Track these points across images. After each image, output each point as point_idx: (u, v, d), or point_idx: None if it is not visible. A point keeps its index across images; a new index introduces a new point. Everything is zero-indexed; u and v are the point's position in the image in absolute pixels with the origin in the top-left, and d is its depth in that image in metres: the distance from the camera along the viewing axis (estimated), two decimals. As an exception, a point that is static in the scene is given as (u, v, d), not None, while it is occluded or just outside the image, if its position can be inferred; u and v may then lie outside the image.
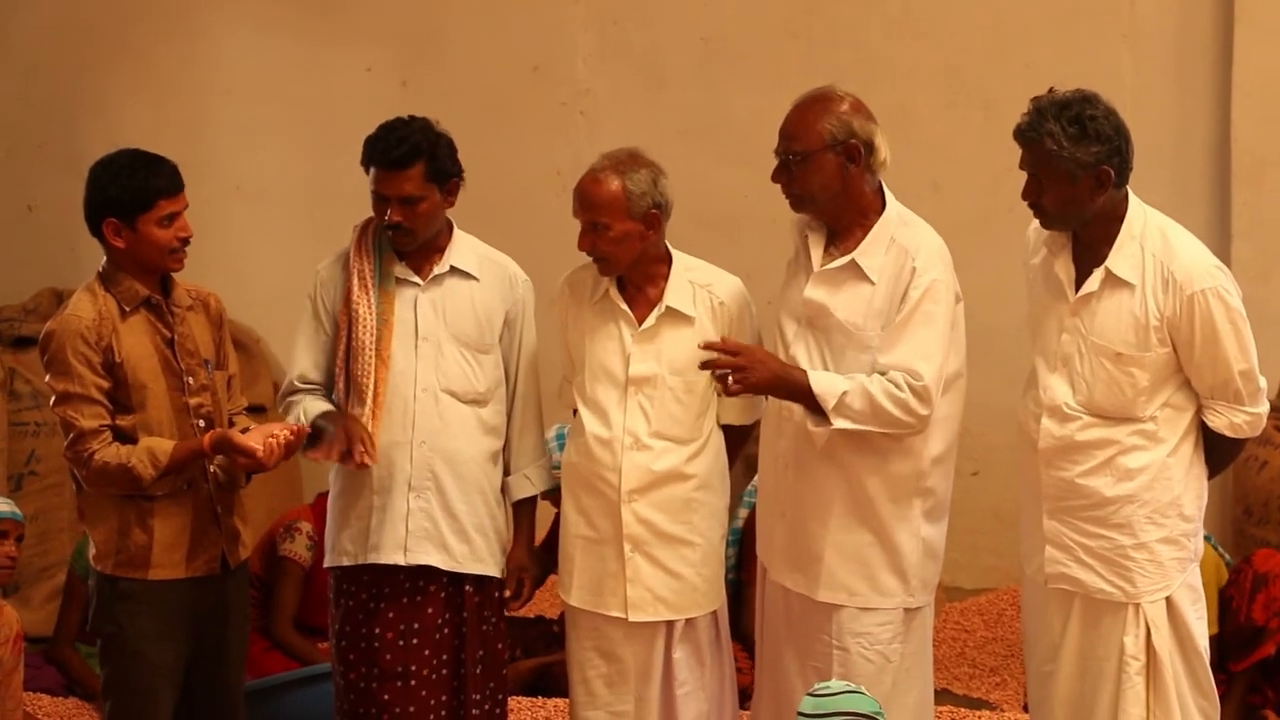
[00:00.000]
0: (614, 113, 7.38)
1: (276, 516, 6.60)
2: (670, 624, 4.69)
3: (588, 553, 4.71)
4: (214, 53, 7.72)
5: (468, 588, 4.78)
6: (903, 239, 4.51)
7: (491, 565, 4.82)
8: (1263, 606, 5.91)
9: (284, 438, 4.49)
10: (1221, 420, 4.39)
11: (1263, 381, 4.41)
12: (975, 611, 7.01)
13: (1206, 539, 4.92)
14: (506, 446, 4.86)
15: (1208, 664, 4.50)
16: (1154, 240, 4.36)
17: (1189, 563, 4.46)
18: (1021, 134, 4.33)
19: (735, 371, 4.42)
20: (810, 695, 3.88)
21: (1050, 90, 4.34)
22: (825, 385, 4.45)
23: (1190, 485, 4.43)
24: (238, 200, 7.65)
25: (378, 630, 4.75)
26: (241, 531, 4.73)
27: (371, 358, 4.67)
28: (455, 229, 4.83)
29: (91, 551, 4.62)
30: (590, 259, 4.66)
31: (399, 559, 4.71)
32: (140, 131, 6.42)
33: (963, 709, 6.15)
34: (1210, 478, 4.51)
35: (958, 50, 7.15)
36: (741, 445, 4.89)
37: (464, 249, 4.82)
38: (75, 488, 4.66)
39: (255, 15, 7.69)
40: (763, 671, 4.81)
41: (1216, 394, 4.38)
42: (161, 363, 4.57)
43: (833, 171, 4.48)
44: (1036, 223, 4.50)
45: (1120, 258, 4.36)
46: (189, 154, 4.98)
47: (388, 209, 4.65)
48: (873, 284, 4.49)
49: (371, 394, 4.66)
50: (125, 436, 4.51)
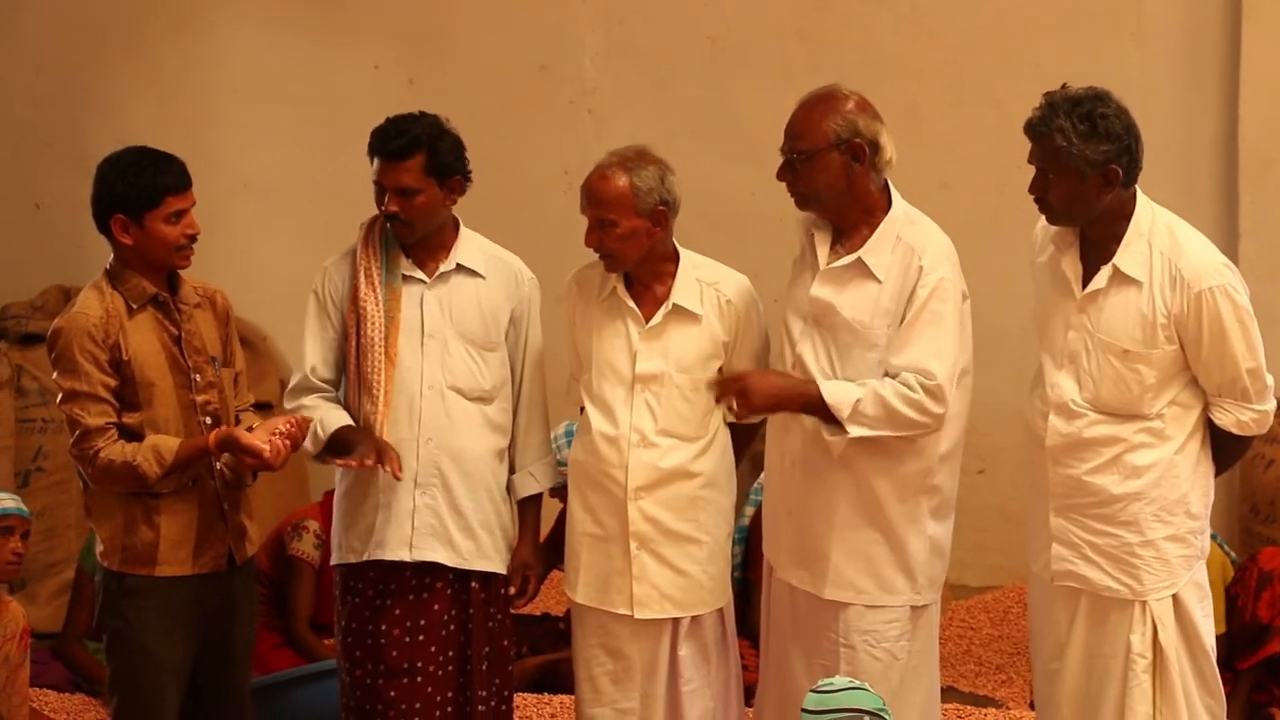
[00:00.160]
0: (621, 111, 7.38)
1: (284, 514, 6.59)
2: (676, 621, 4.69)
3: (594, 550, 4.71)
4: (221, 51, 7.72)
5: (474, 584, 4.78)
6: (909, 237, 4.51)
7: (497, 562, 4.82)
8: (1269, 604, 5.90)
9: (285, 429, 4.49)
10: (1228, 418, 4.39)
11: (1270, 379, 4.41)
12: (981, 609, 7.00)
13: (1213, 538, 4.91)
14: (511, 444, 4.86)
15: (1214, 662, 4.50)
16: (1162, 238, 4.36)
17: (1196, 560, 4.45)
18: (1032, 128, 4.33)
19: (738, 397, 4.46)
20: (814, 692, 3.86)
21: (1063, 86, 4.34)
22: (838, 395, 4.44)
23: (1197, 483, 4.43)
24: (244, 198, 7.65)
25: (384, 627, 4.75)
26: (248, 528, 4.73)
27: (381, 355, 4.68)
28: (462, 227, 4.83)
29: (98, 548, 4.63)
30: (597, 256, 4.66)
31: (404, 555, 4.71)
32: (147, 129, 6.44)
33: (969, 706, 6.14)
34: (1217, 475, 4.51)
35: (966, 49, 7.15)
36: (748, 443, 4.89)
37: (470, 247, 4.82)
38: (82, 485, 4.66)
39: (262, 13, 7.70)
40: (767, 669, 4.81)
41: (1224, 392, 4.37)
42: (169, 360, 4.57)
43: (837, 170, 4.47)
44: (1044, 220, 4.49)
45: (1128, 255, 4.35)
46: (196, 152, 4.97)
47: (386, 199, 4.66)
48: (879, 282, 4.49)
49: (382, 392, 4.66)
50: (132, 434, 4.51)
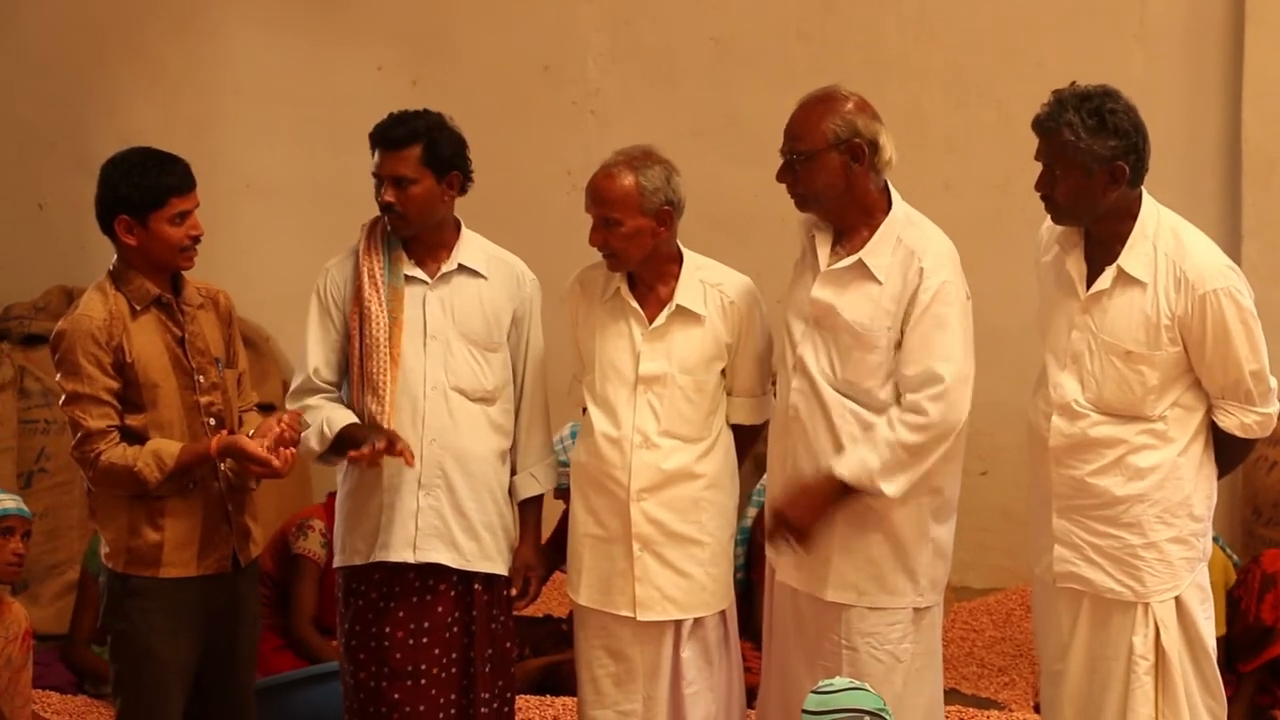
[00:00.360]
0: (625, 112, 7.38)
1: (287, 514, 6.58)
2: (679, 623, 4.69)
3: (596, 552, 4.71)
4: (224, 51, 7.72)
5: (477, 586, 4.78)
6: (909, 239, 4.50)
7: (500, 564, 4.82)
8: (1271, 607, 5.90)
9: (281, 431, 4.48)
10: (1232, 420, 4.39)
11: (1273, 382, 4.41)
12: (984, 611, 7.00)
13: (1214, 540, 4.91)
14: (513, 446, 4.86)
15: (1215, 664, 4.50)
16: (1167, 239, 4.35)
17: (1198, 563, 4.46)
18: (1040, 124, 4.32)
19: (793, 536, 4.49)
20: (815, 693, 3.87)
21: (1072, 84, 4.34)
22: (855, 470, 4.42)
23: (1200, 485, 4.43)
24: (247, 198, 7.65)
25: (387, 629, 4.74)
26: (252, 529, 4.73)
27: (385, 355, 4.68)
28: (463, 227, 4.83)
29: (103, 549, 4.63)
30: (601, 256, 4.66)
31: (408, 556, 4.71)
32: (151, 130, 6.44)
33: (971, 709, 6.13)
34: (1220, 478, 4.51)
35: (969, 50, 7.15)
36: (751, 444, 4.89)
37: (472, 247, 4.82)
38: (86, 486, 4.66)
39: (266, 14, 7.70)
40: (770, 671, 4.81)
41: (1227, 394, 4.37)
42: (172, 361, 4.57)
43: (836, 171, 4.47)
44: (1049, 220, 4.49)
45: (1133, 256, 4.35)
46: (199, 152, 4.98)
47: (383, 189, 4.66)
48: (880, 284, 4.48)
49: (388, 392, 4.66)
50: (136, 436, 4.51)
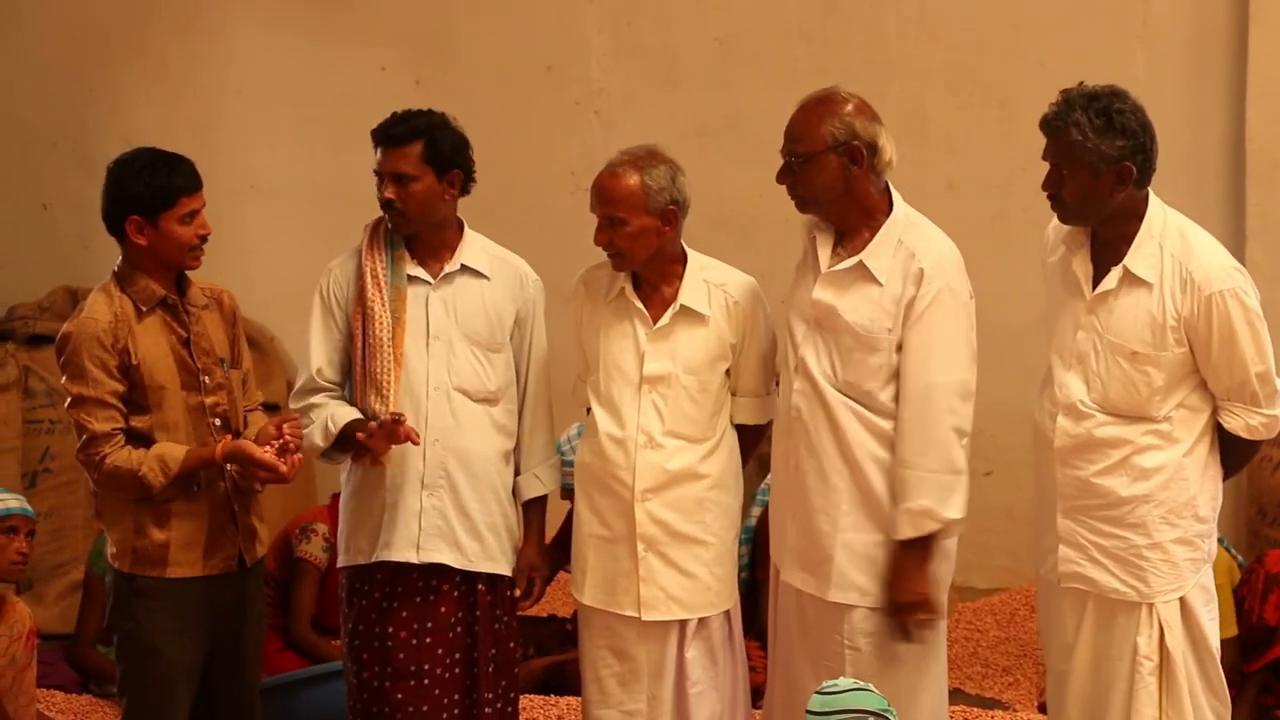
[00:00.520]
0: (628, 113, 7.38)
1: (292, 514, 6.60)
2: (683, 623, 4.69)
3: (601, 552, 4.71)
4: (227, 52, 7.73)
5: (480, 586, 4.78)
6: (910, 241, 4.50)
7: (504, 564, 4.82)
8: (1275, 607, 5.89)
9: (286, 441, 4.49)
10: (1237, 422, 4.39)
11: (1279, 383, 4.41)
12: (988, 611, 7.00)
13: (1219, 541, 4.91)
14: (516, 447, 4.86)
15: (1219, 665, 4.49)
16: (1173, 240, 4.35)
17: (1203, 563, 4.45)
18: (1047, 123, 4.32)
19: (926, 617, 4.49)
20: (818, 693, 3.86)
21: (1080, 84, 4.34)
22: (915, 520, 4.43)
23: (1205, 486, 4.43)
24: (251, 198, 7.66)
25: (391, 629, 4.74)
26: (258, 530, 4.74)
27: (389, 355, 4.68)
28: (466, 228, 4.83)
29: (109, 550, 4.63)
30: (604, 257, 4.66)
31: (411, 557, 4.71)
32: (153, 130, 6.44)
33: (975, 709, 6.13)
34: (1225, 479, 4.51)
35: (972, 50, 7.15)
36: (755, 444, 4.89)
37: (475, 248, 4.82)
38: (91, 487, 4.67)
39: (269, 14, 7.70)
40: (775, 671, 4.81)
41: (1233, 395, 4.37)
42: (177, 362, 4.57)
43: (835, 173, 4.46)
44: (1056, 220, 4.49)
45: (1139, 257, 4.35)
46: (202, 153, 4.97)
47: (384, 185, 4.67)
48: (880, 285, 4.48)
49: (392, 392, 4.66)
50: (142, 437, 4.52)
